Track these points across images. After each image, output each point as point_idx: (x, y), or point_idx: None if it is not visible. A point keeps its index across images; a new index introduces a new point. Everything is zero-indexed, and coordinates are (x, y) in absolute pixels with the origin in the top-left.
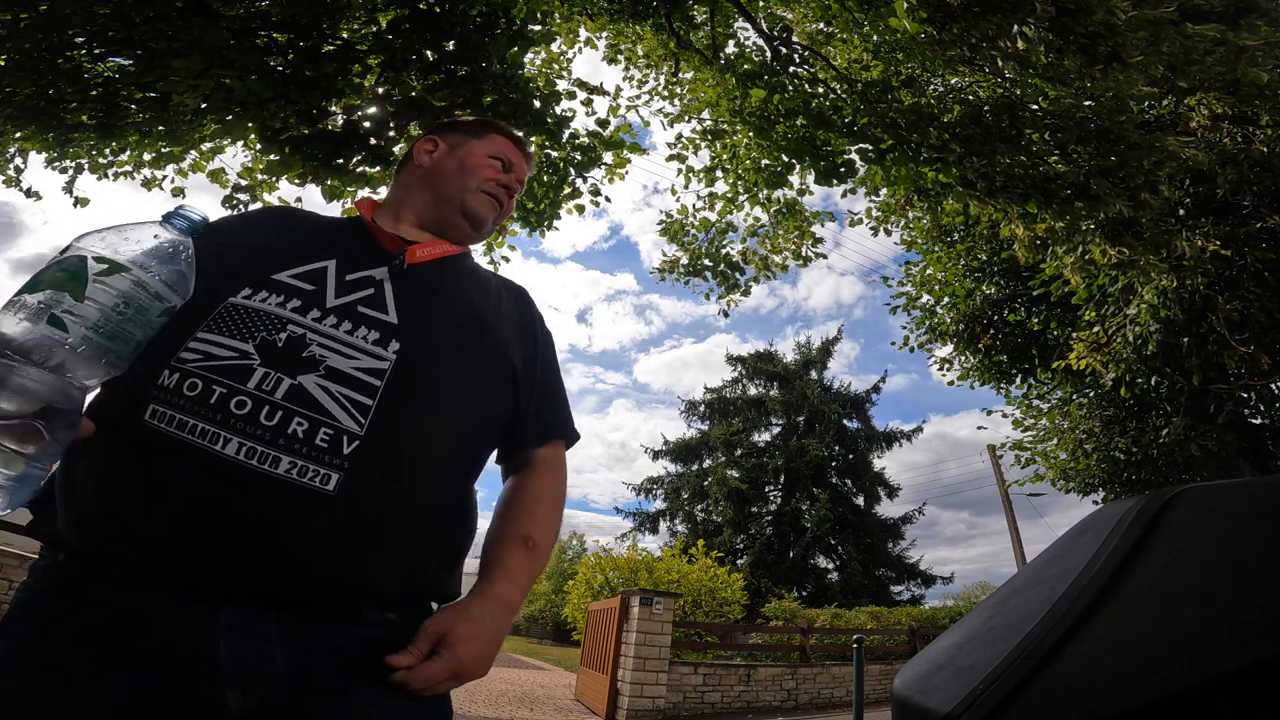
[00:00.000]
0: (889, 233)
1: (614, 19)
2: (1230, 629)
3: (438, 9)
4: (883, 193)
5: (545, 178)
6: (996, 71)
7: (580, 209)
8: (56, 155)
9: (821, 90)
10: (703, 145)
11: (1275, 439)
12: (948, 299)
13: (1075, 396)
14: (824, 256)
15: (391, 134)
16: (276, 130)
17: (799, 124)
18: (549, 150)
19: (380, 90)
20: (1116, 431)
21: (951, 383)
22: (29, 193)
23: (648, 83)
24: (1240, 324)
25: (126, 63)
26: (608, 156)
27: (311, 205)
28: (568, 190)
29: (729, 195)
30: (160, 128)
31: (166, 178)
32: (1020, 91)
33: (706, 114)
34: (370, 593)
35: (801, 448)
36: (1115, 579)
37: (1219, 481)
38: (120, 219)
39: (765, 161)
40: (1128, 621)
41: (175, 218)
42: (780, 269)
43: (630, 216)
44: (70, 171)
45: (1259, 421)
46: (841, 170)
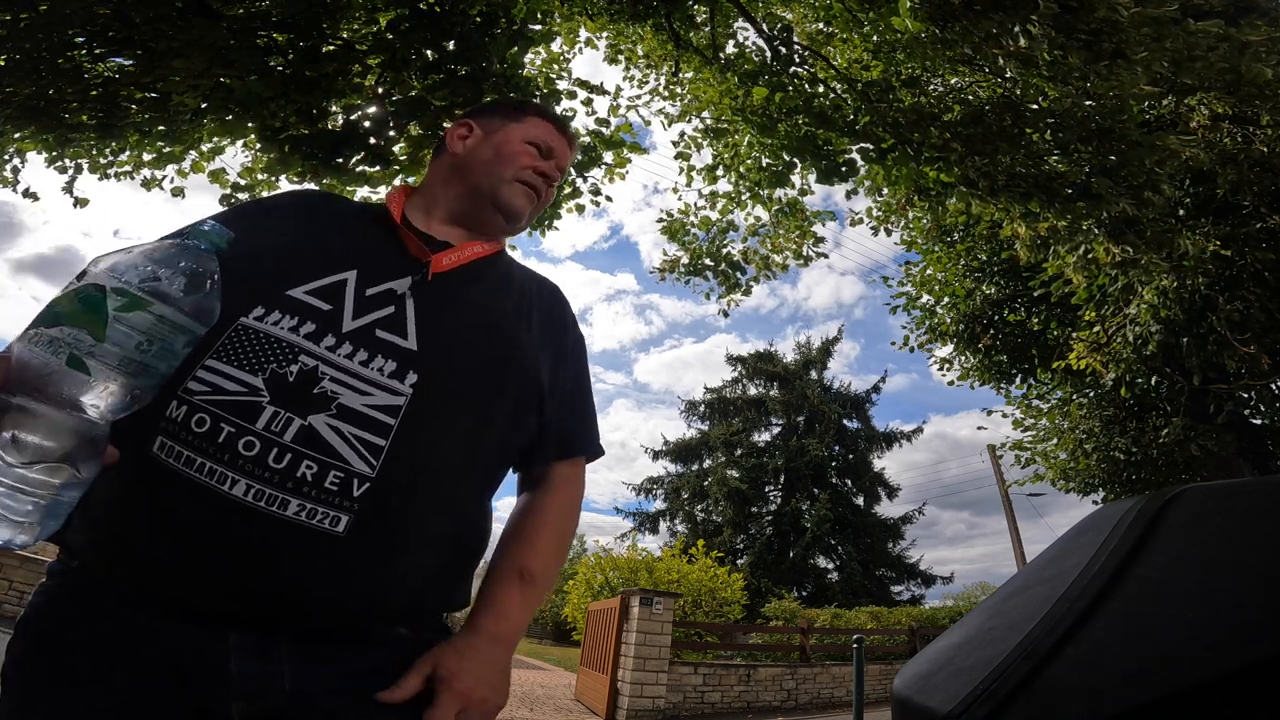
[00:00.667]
0: (889, 233)
1: (614, 19)
2: (1230, 629)
3: (438, 9)
4: (884, 192)
5: None
6: (997, 71)
7: (580, 209)
8: (56, 155)
9: (822, 90)
10: (705, 144)
11: (1275, 439)
12: (948, 299)
13: (1075, 396)
14: (825, 256)
15: (391, 134)
16: (276, 130)
17: (800, 122)
18: None
19: (380, 90)
20: (1116, 431)
21: (951, 383)
22: (27, 193)
23: (648, 82)
24: (1240, 324)
25: (126, 63)
26: (608, 156)
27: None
28: (568, 190)
29: (731, 194)
30: (160, 128)
31: (166, 178)
32: (1021, 91)
33: (707, 113)
34: (375, 616)
35: (801, 448)
36: (1115, 579)
37: (1219, 481)
38: (120, 219)
39: (767, 160)
40: (1128, 621)
41: (196, 237)
42: (781, 268)
43: (630, 216)
44: (70, 171)
45: (1259, 421)
46: (843, 169)
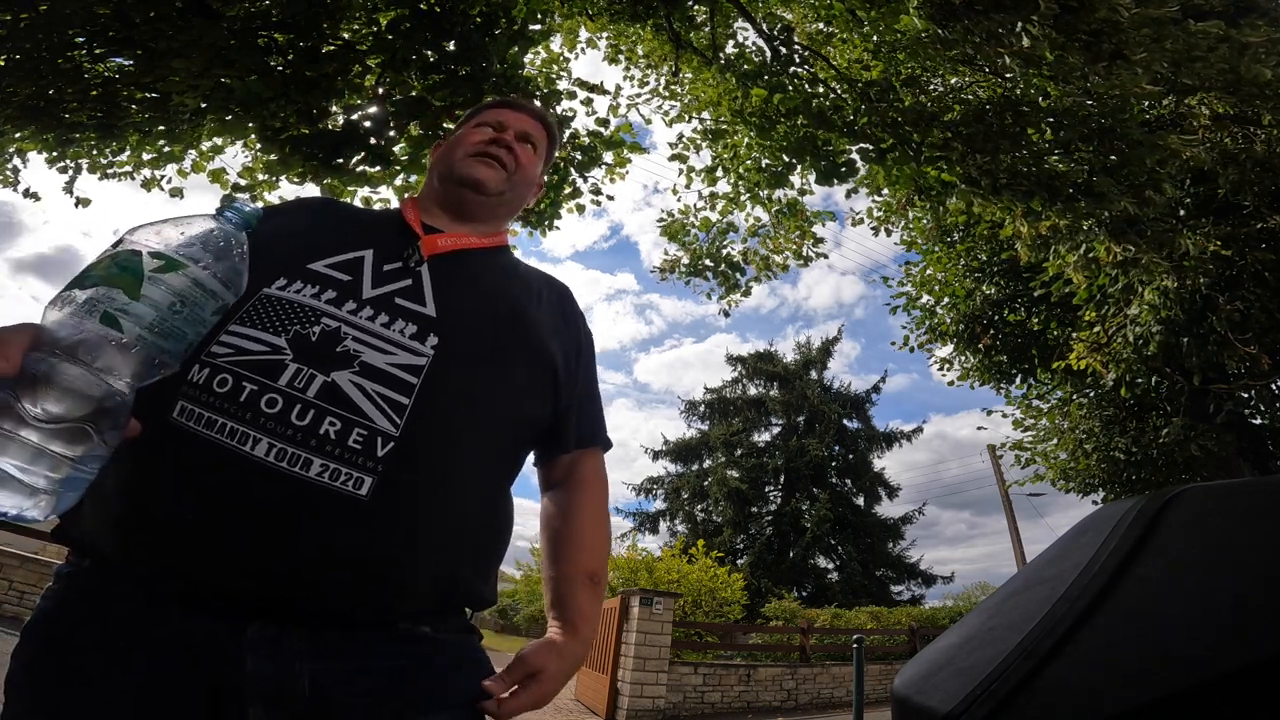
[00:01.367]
0: (889, 233)
1: (614, 19)
2: (1230, 629)
3: (438, 9)
4: (884, 192)
5: (546, 177)
6: (998, 71)
7: (581, 209)
8: (56, 155)
9: (822, 90)
10: (704, 145)
11: (1275, 439)
12: (948, 299)
13: (1075, 396)
14: (825, 256)
15: (391, 134)
16: (276, 130)
17: (800, 123)
18: None
19: (380, 90)
20: (1116, 431)
21: (951, 383)
22: (27, 193)
23: (648, 82)
24: (1240, 324)
25: (126, 63)
26: (608, 156)
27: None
28: (568, 190)
29: (730, 195)
30: (160, 128)
31: (166, 178)
32: (1022, 90)
33: (707, 114)
34: (403, 604)
35: (801, 448)
36: (1115, 579)
37: (1219, 481)
38: (120, 219)
39: (766, 161)
40: (1128, 621)
41: (229, 211)
42: (781, 269)
43: (630, 216)
44: (70, 171)
45: (1259, 421)
46: (842, 170)
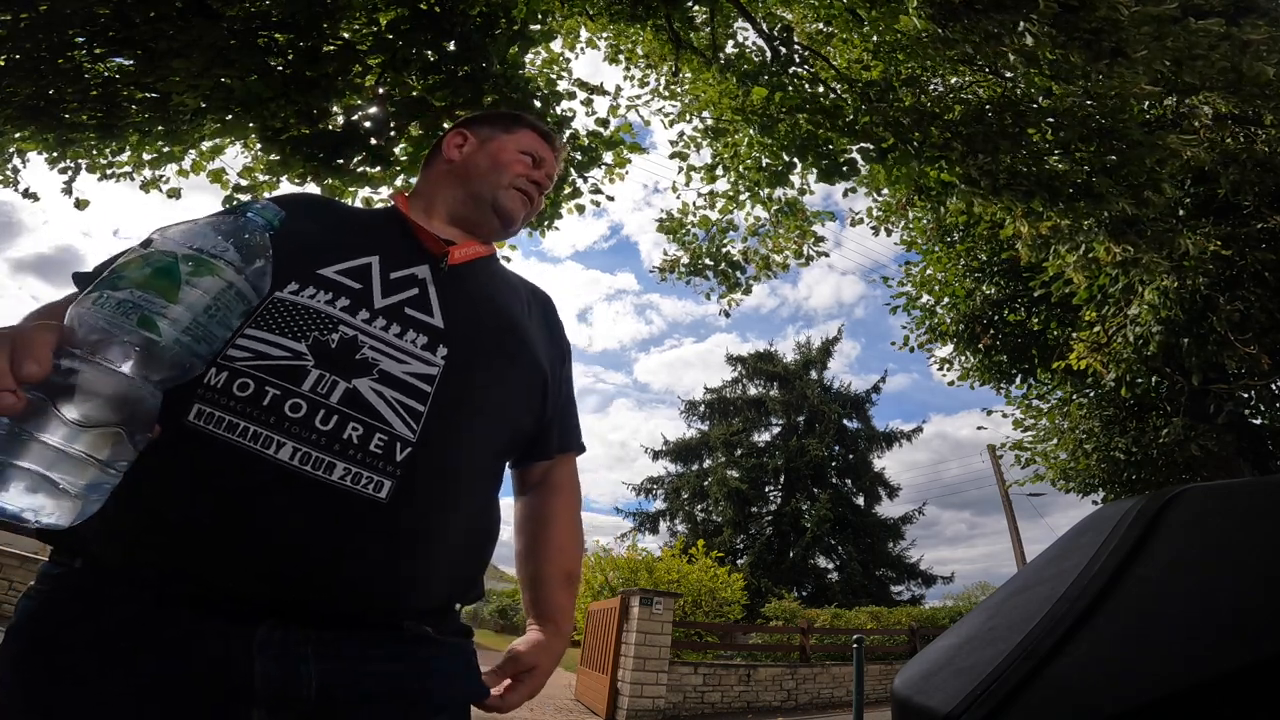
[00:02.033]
0: (889, 232)
1: (614, 19)
2: (1231, 629)
3: (438, 9)
4: (883, 192)
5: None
6: (998, 71)
7: (581, 209)
8: (56, 155)
9: (822, 90)
10: (704, 143)
11: (1275, 439)
12: (948, 299)
13: (1075, 396)
14: (825, 255)
15: (392, 134)
16: (277, 130)
17: (801, 122)
18: None
19: (380, 90)
20: (1116, 431)
21: (951, 383)
22: (26, 193)
23: (648, 82)
24: (1240, 324)
25: (126, 63)
26: (608, 156)
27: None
28: (568, 190)
29: (730, 194)
30: (160, 128)
31: (166, 178)
32: (1022, 90)
33: (707, 113)
34: (415, 605)
35: (801, 448)
36: (1115, 579)
37: (1219, 481)
38: (120, 219)
39: (766, 160)
40: (1128, 621)
41: (253, 212)
42: (781, 268)
43: (630, 216)
44: (70, 172)
45: (1259, 421)
46: (843, 169)
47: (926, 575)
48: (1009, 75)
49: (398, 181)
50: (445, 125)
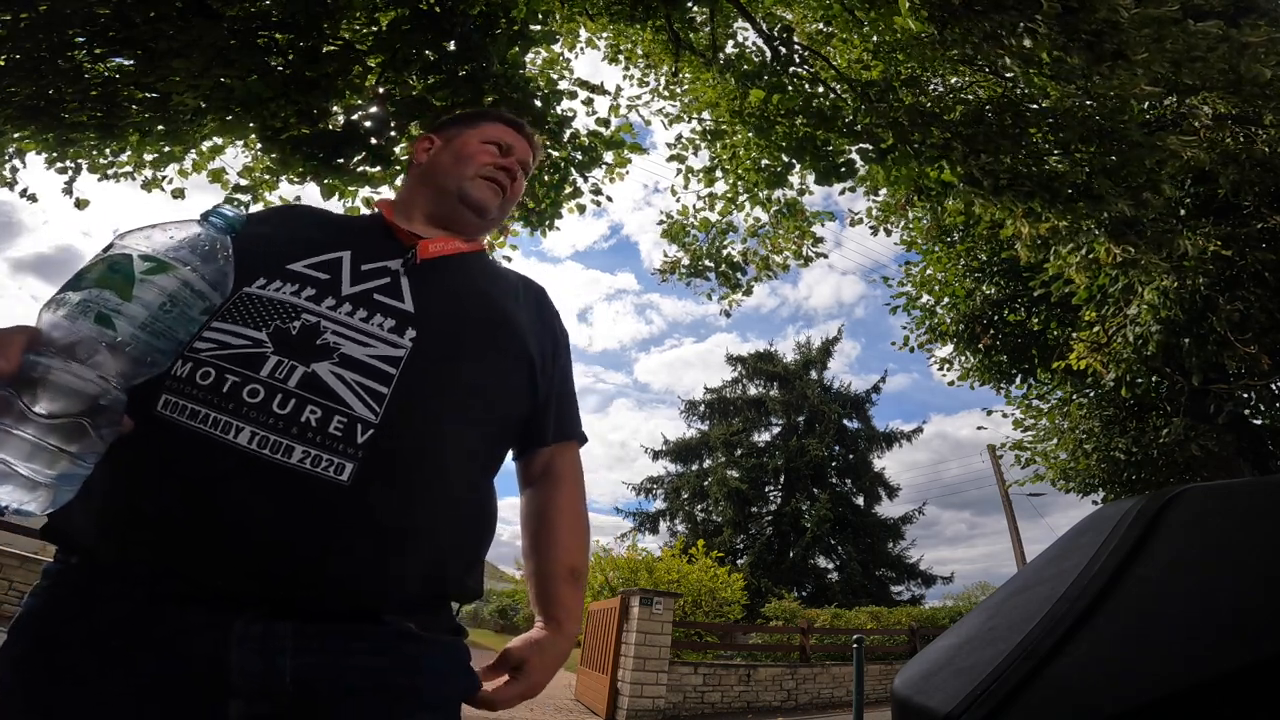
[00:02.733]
0: (889, 232)
1: (614, 19)
2: (1231, 629)
3: (438, 9)
4: (883, 192)
5: (546, 177)
6: (998, 71)
7: (581, 208)
8: (56, 155)
9: (821, 90)
10: (702, 145)
11: (1275, 439)
12: (948, 299)
13: (1075, 396)
14: (824, 256)
15: (392, 134)
16: (277, 130)
17: (799, 123)
18: (550, 150)
19: (381, 90)
20: (1116, 431)
21: (951, 383)
22: (25, 194)
23: (648, 82)
24: (1240, 324)
25: (126, 63)
26: (609, 156)
27: (312, 204)
28: (569, 190)
29: (729, 195)
30: (160, 128)
31: (167, 178)
32: (1021, 91)
33: (706, 114)
34: (390, 597)
35: (801, 448)
36: (1115, 579)
37: (1219, 481)
38: (120, 219)
39: (765, 161)
40: (1128, 621)
41: (214, 216)
42: (781, 269)
43: (630, 216)
44: (70, 172)
45: (1259, 421)
46: (842, 170)
47: (926, 575)
48: (1009, 76)
49: (398, 181)
50: None
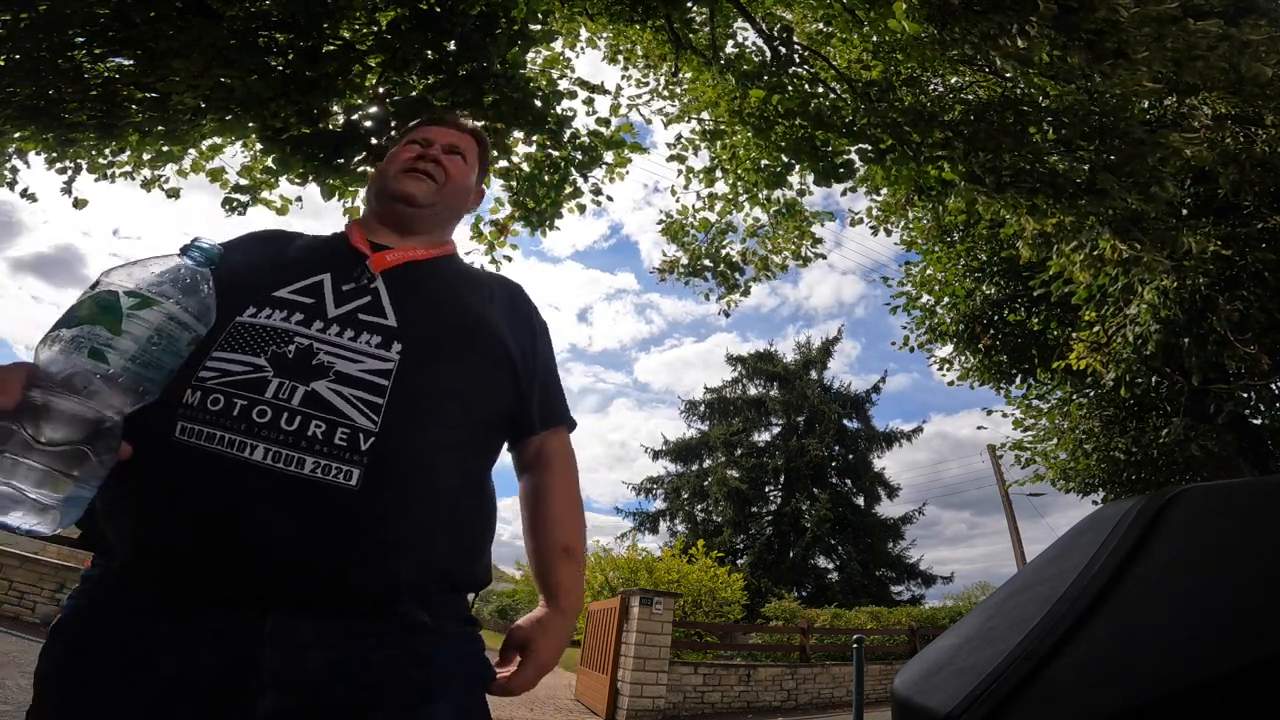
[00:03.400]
0: (889, 232)
1: (614, 19)
2: (1231, 629)
3: (438, 9)
4: (883, 192)
5: (546, 177)
6: (997, 71)
7: (581, 208)
8: (56, 155)
9: (821, 90)
10: (702, 146)
11: (1275, 439)
12: (948, 299)
13: (1075, 396)
14: (824, 257)
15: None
16: (277, 130)
17: (798, 124)
18: (550, 150)
19: (381, 90)
20: (1116, 431)
21: (951, 383)
22: (24, 194)
23: (648, 82)
24: (1240, 324)
25: (126, 63)
26: (609, 156)
27: (311, 204)
28: (569, 190)
29: (729, 195)
30: (160, 127)
31: (166, 178)
32: (1021, 90)
33: (706, 114)
34: (403, 590)
35: (801, 448)
36: (1115, 579)
37: (1219, 481)
38: (120, 219)
39: (765, 162)
40: (1127, 621)
41: (193, 250)
42: (780, 269)
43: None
44: (70, 172)
45: (1259, 421)
46: (841, 170)
47: (926, 575)
48: (1008, 75)
49: None
50: None
